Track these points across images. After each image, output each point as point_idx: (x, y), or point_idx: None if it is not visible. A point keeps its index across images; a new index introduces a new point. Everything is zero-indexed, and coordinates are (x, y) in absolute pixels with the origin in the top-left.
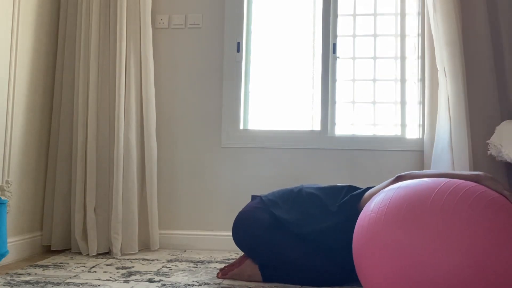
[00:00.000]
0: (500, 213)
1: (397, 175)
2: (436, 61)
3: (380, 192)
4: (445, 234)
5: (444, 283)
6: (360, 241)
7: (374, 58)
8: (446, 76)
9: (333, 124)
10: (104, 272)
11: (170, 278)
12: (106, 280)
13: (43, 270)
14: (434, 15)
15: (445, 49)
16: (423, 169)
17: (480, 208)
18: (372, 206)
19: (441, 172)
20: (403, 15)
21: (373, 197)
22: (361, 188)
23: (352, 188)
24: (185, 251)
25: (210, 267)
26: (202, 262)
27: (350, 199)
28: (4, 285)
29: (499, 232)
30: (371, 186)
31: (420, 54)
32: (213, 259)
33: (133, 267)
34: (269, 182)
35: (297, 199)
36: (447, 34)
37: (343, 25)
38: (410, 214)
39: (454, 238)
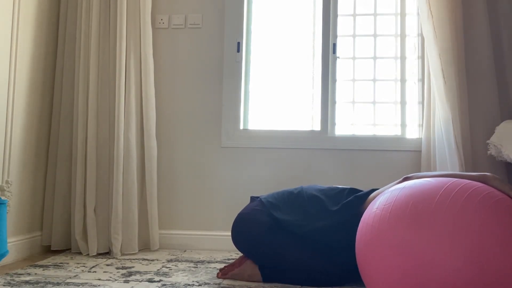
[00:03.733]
0: (507, 213)
1: (404, 177)
2: (430, 65)
3: (386, 191)
4: (450, 233)
5: (449, 282)
6: (364, 238)
7: (374, 58)
8: (444, 81)
9: (333, 124)
10: (104, 272)
11: (170, 278)
12: (106, 280)
13: (43, 270)
14: (429, 21)
15: (441, 55)
16: (420, 170)
17: (486, 208)
18: (377, 204)
19: (447, 172)
20: (403, 15)
21: (378, 195)
22: (362, 191)
23: (353, 190)
24: (185, 251)
25: (210, 267)
26: (202, 262)
27: (355, 200)
28: (4, 285)
29: (505, 232)
30: (375, 188)
31: (420, 54)
32: (213, 259)
33: (133, 267)
34: (269, 182)
35: (298, 200)
36: (443, 40)
37: (343, 25)
38: (416, 212)
39: (460, 237)
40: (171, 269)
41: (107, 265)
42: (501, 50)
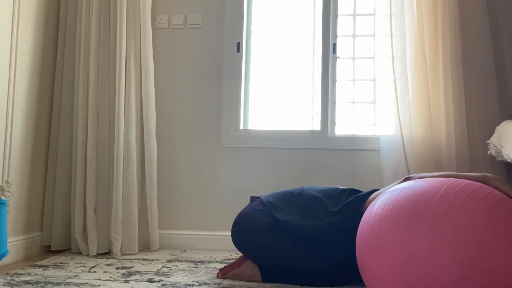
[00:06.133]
0: (507, 213)
1: (405, 177)
2: (383, 71)
3: (387, 191)
4: (450, 233)
5: (449, 282)
6: (364, 237)
7: (374, 58)
8: (396, 93)
9: (333, 124)
10: (104, 272)
11: (170, 278)
12: (106, 280)
13: (43, 270)
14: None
15: (396, 66)
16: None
17: (486, 208)
18: (378, 203)
19: (448, 173)
20: None
21: (379, 195)
22: (363, 192)
23: (354, 191)
24: (185, 251)
25: (210, 267)
26: (202, 262)
27: (355, 200)
28: (4, 285)
29: (505, 232)
30: (376, 188)
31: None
32: (213, 259)
33: (133, 267)
34: (269, 182)
35: (298, 201)
36: (398, 50)
37: (343, 25)
38: (416, 212)
39: (460, 237)
40: (171, 269)
41: (107, 265)
42: (501, 50)
